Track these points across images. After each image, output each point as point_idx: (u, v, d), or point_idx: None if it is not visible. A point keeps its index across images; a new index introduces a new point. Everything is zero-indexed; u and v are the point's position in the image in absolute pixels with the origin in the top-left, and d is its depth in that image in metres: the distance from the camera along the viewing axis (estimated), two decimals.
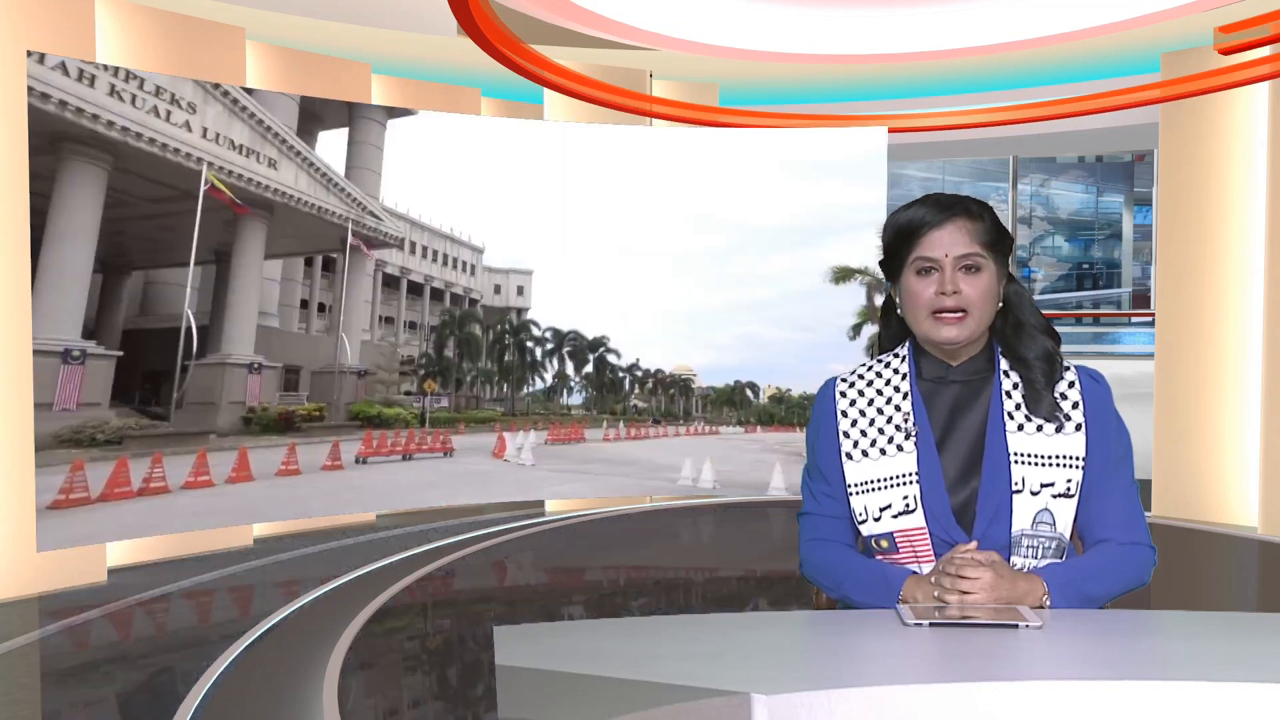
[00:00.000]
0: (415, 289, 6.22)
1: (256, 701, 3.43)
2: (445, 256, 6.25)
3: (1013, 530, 1.55)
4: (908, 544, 1.58)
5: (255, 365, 5.40)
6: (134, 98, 4.77)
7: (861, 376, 1.70)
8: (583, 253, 6.45)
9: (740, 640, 1.34)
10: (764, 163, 6.56)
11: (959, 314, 1.57)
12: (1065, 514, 1.56)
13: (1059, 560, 1.57)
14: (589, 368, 6.76)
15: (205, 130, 5.05)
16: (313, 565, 5.39)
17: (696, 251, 6.60)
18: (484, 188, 6.21)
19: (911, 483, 1.59)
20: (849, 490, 1.63)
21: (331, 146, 5.65)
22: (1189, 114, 6.18)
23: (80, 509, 4.73)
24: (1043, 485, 1.56)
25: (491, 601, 5.09)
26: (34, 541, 4.67)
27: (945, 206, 1.59)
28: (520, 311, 6.59)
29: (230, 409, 5.33)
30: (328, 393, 5.77)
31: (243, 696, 3.46)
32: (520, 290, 6.54)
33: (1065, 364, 1.64)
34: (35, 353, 4.64)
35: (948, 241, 1.57)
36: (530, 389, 6.73)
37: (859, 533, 1.65)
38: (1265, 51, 5.37)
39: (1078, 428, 1.58)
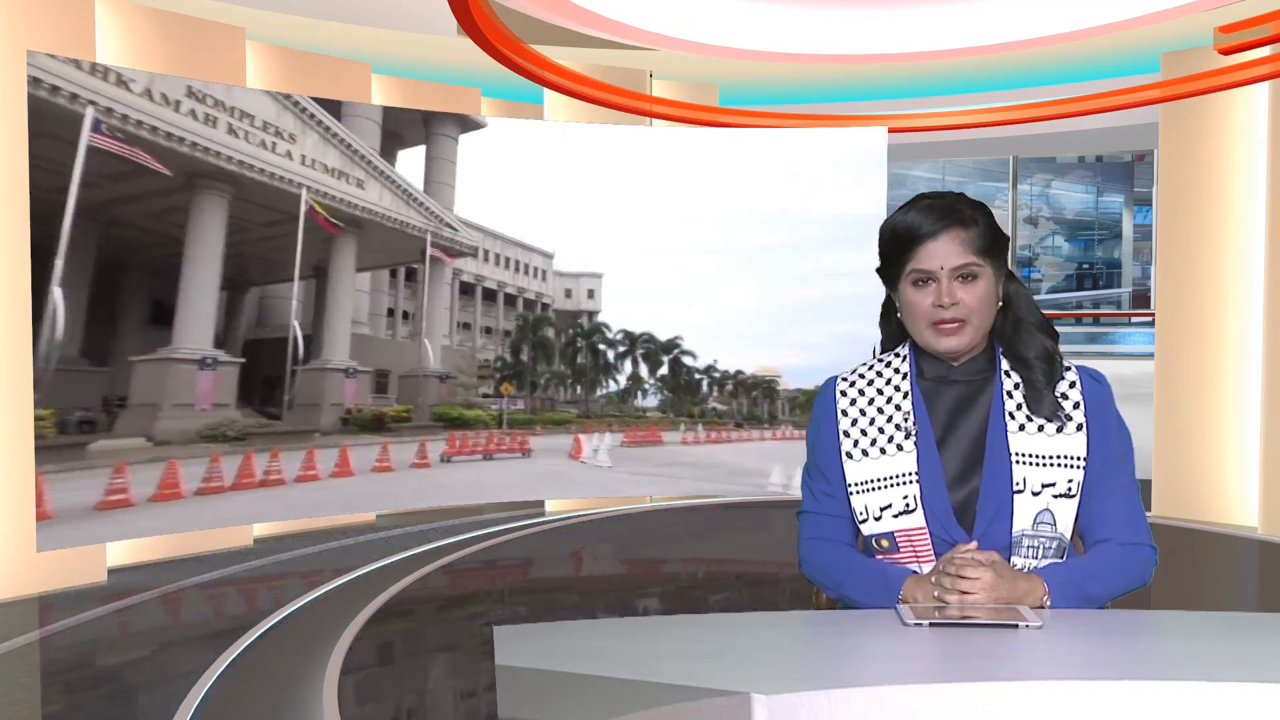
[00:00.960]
0: (490, 295, 6.48)
1: (256, 701, 3.43)
2: (517, 263, 6.49)
3: (1013, 530, 1.55)
4: (908, 543, 1.58)
5: (351, 370, 5.89)
6: (246, 134, 5.31)
7: (862, 376, 1.70)
8: (651, 254, 6.51)
9: (740, 640, 1.34)
10: (843, 156, 6.54)
11: (957, 324, 1.57)
12: (1066, 514, 1.56)
13: (1059, 560, 1.57)
14: (664, 369, 6.75)
15: (304, 158, 5.56)
16: (313, 565, 5.39)
17: (777, 248, 6.57)
18: (552, 193, 6.37)
19: (912, 482, 1.59)
20: (849, 489, 1.63)
21: (410, 163, 6.04)
22: (1189, 114, 6.18)
23: (215, 496, 5.32)
24: (1043, 485, 1.56)
25: (491, 601, 5.09)
26: (34, 541, 4.67)
27: (939, 216, 1.57)
28: (591, 315, 6.70)
29: (331, 410, 5.83)
30: (413, 395, 6.16)
31: (243, 696, 3.46)
32: (591, 294, 6.66)
33: (1066, 364, 1.64)
34: (178, 360, 5.23)
35: (943, 253, 1.56)
36: (604, 391, 6.77)
37: (859, 532, 1.65)
38: (1265, 51, 5.37)
39: (1079, 428, 1.58)
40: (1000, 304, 1.62)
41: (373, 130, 5.85)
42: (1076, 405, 1.60)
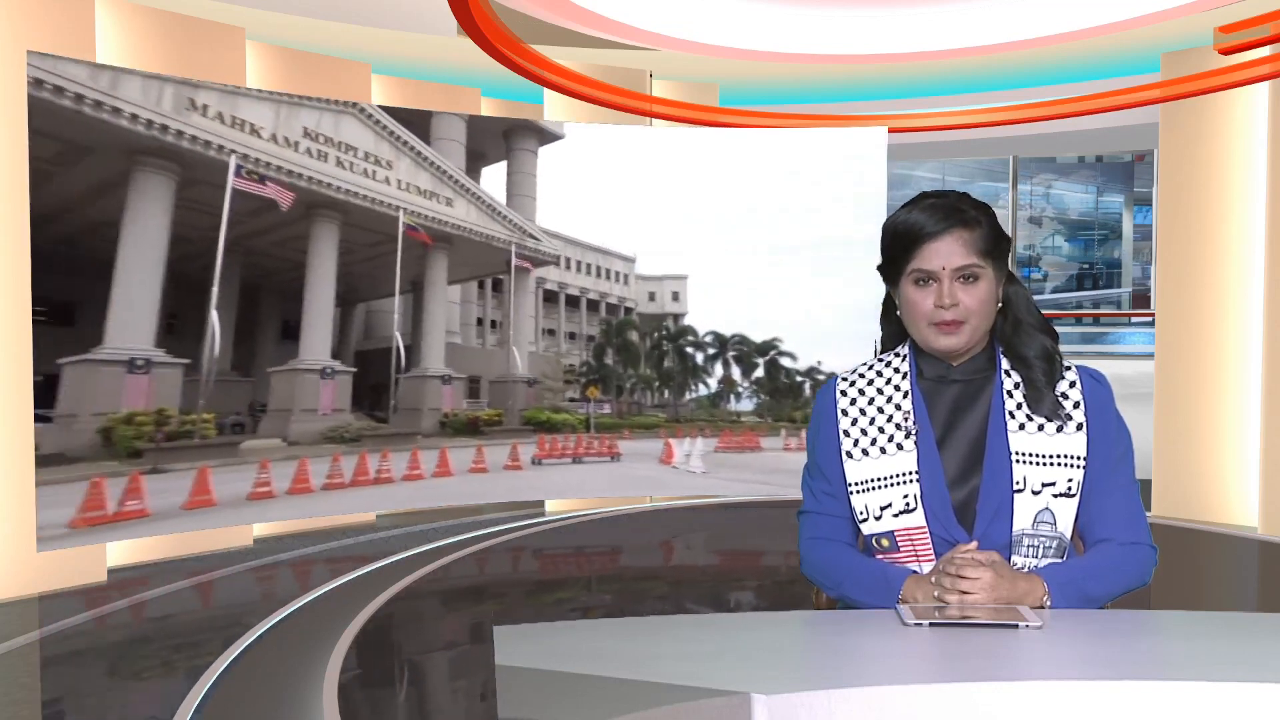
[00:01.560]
0: (573, 301, 6.72)
1: (256, 701, 3.43)
2: (598, 269, 6.71)
3: (1013, 529, 1.55)
4: (908, 543, 1.58)
5: (446, 377, 6.32)
6: (351, 164, 5.83)
7: (862, 375, 1.70)
8: (738, 254, 6.53)
9: (740, 640, 1.34)
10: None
11: (957, 325, 1.57)
12: (1066, 513, 1.56)
13: (1059, 560, 1.57)
14: (759, 372, 6.67)
15: (399, 182, 6.04)
16: (313, 565, 5.39)
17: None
18: (632, 198, 6.51)
19: (912, 481, 1.59)
20: (849, 489, 1.63)
21: (494, 179, 6.41)
22: (1189, 114, 6.17)
23: (338, 491, 5.89)
24: (1044, 484, 1.56)
25: (491, 601, 5.09)
26: (34, 541, 4.67)
27: (942, 216, 1.57)
28: (677, 317, 6.74)
29: (430, 414, 6.28)
30: (503, 400, 6.52)
31: (243, 696, 3.46)
32: (675, 296, 6.73)
33: (1066, 363, 1.64)
34: (304, 371, 5.84)
35: (945, 253, 1.56)
36: (693, 395, 6.78)
37: (860, 532, 1.65)
38: (1265, 51, 5.37)
39: (1079, 427, 1.58)
40: (1000, 305, 1.62)
41: (458, 150, 6.24)
42: (1076, 405, 1.60)
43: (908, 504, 1.58)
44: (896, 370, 1.67)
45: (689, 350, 6.73)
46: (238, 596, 4.96)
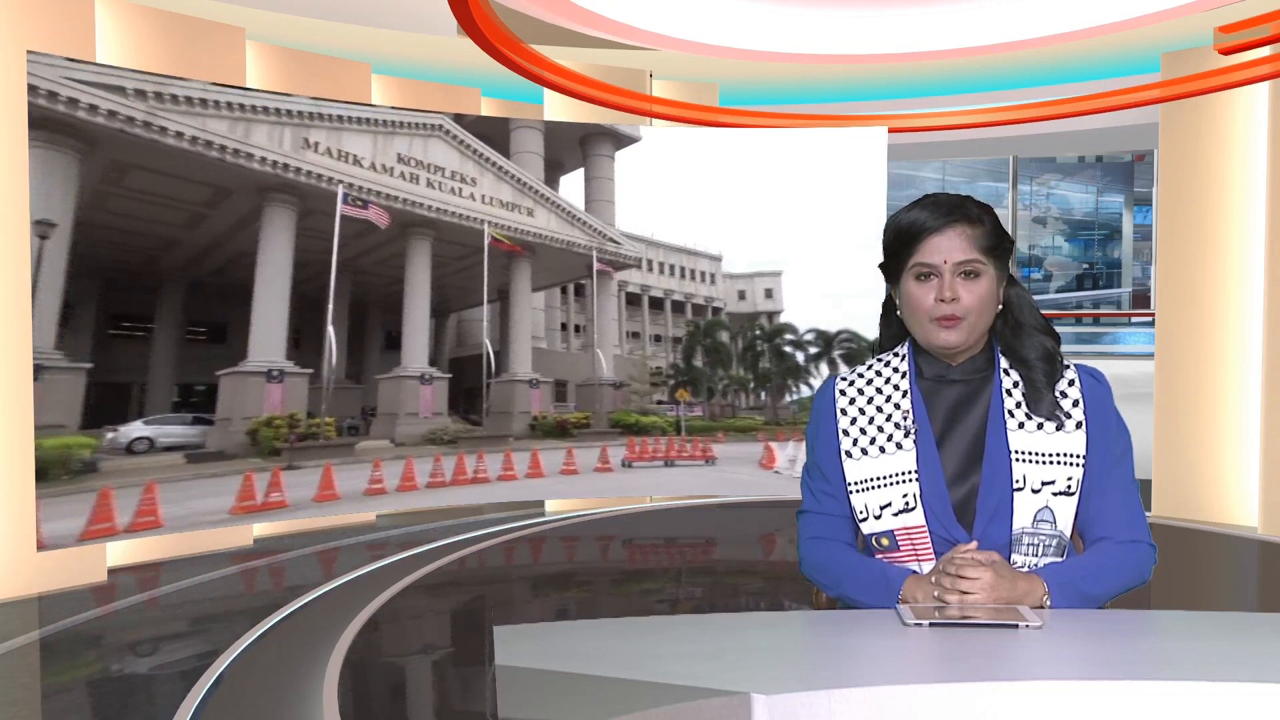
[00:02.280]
0: (657, 303, 6.82)
1: (256, 701, 3.43)
2: (682, 269, 6.79)
3: (1013, 528, 1.56)
4: (908, 542, 1.58)
5: (534, 381, 6.59)
6: (440, 184, 6.22)
7: (861, 375, 1.70)
8: (836, 247, 6.48)
9: (740, 640, 1.34)
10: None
11: (957, 320, 1.57)
12: (1065, 512, 1.56)
13: (1059, 559, 1.57)
14: None
15: (483, 197, 6.38)
16: (313, 565, 5.39)
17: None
18: (715, 196, 6.54)
19: (911, 480, 1.59)
20: (849, 488, 1.63)
21: (572, 186, 6.65)
22: (1189, 114, 6.17)
23: (440, 489, 6.28)
24: (1043, 483, 1.56)
25: (491, 601, 5.09)
26: (34, 541, 4.67)
27: (945, 211, 1.57)
28: (772, 315, 6.69)
29: (520, 417, 6.58)
30: (590, 403, 6.70)
31: (243, 696, 3.46)
32: (769, 293, 6.69)
33: (1065, 363, 1.64)
34: (406, 377, 6.30)
35: (947, 248, 1.56)
36: (795, 396, 6.71)
37: (859, 531, 1.65)
38: (1265, 51, 5.37)
39: (1078, 426, 1.58)
40: (1001, 307, 1.62)
41: (536, 162, 6.52)
42: (1076, 403, 1.60)
43: (907, 503, 1.58)
44: (896, 370, 1.68)
45: (787, 350, 6.65)
46: (238, 596, 4.96)
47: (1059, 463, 1.56)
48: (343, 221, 5.86)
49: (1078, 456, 1.57)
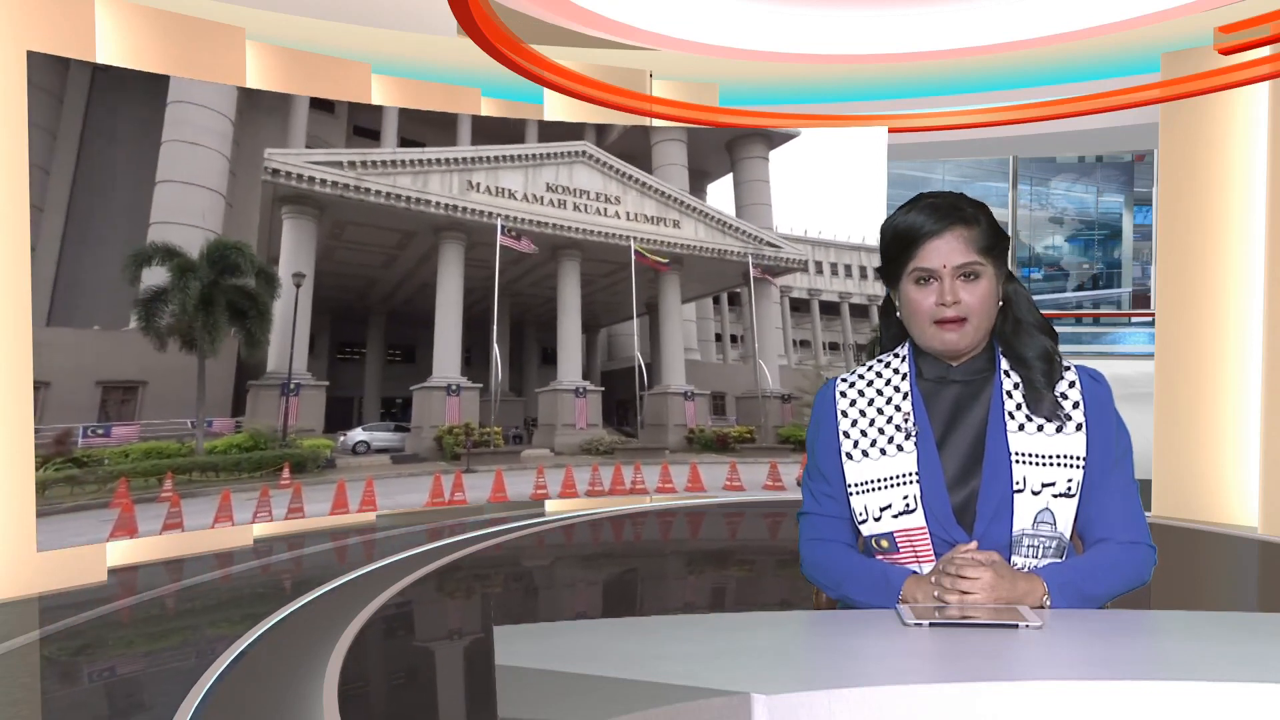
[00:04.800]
0: (830, 309, 6.80)
1: (256, 701, 3.43)
2: (860, 269, 6.76)
3: (1013, 530, 1.55)
4: (908, 544, 1.58)
5: (688, 393, 6.77)
6: (585, 206, 6.61)
7: (861, 377, 1.70)
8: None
9: (740, 640, 1.34)
10: None
11: (959, 322, 1.57)
12: (1066, 514, 1.56)
13: (1059, 560, 1.57)
14: None
15: (628, 214, 6.68)
16: (312, 565, 5.39)
17: None
18: (884, 194, 6.45)
19: (911, 482, 1.58)
20: (849, 490, 1.63)
21: (721, 193, 6.77)
22: (1189, 114, 6.17)
23: (599, 497, 6.66)
24: (1043, 485, 1.56)
25: (491, 601, 5.09)
26: (34, 541, 4.67)
27: (942, 214, 1.57)
28: None
29: (675, 430, 6.79)
30: (754, 417, 6.75)
31: (243, 696, 3.46)
32: None
33: (1065, 364, 1.64)
34: (561, 390, 6.76)
35: (945, 251, 1.56)
36: None
37: (859, 533, 1.65)
38: (1265, 51, 5.37)
39: (1078, 427, 1.58)
40: (1000, 304, 1.62)
41: (680, 174, 6.74)
42: (1076, 405, 1.59)
43: (907, 505, 1.58)
44: (896, 371, 1.67)
45: None
46: (238, 596, 4.96)
47: (1059, 464, 1.56)
48: (501, 250, 6.48)
49: (1078, 458, 1.57)
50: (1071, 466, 1.56)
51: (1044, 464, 1.56)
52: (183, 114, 5.35)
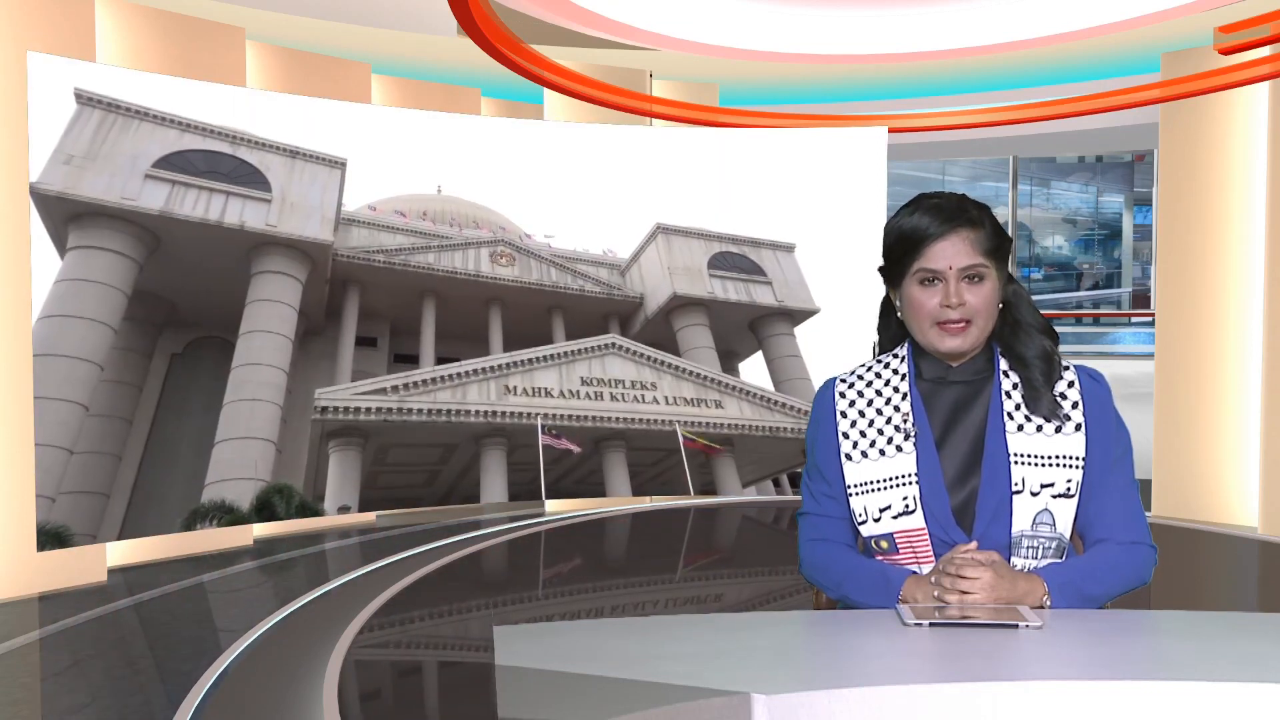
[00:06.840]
0: None
1: (256, 701, 3.43)
2: None
3: (1012, 531, 1.55)
4: (907, 545, 1.58)
5: None
6: (622, 396, 6.54)
7: (861, 377, 1.70)
8: None
9: (740, 640, 1.34)
10: None
11: (963, 324, 1.57)
12: (1065, 514, 1.56)
13: (1059, 560, 1.57)
14: None
15: (666, 398, 6.62)
16: (313, 565, 5.39)
17: None
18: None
19: (911, 483, 1.58)
20: (848, 491, 1.63)
21: (755, 371, 6.74)
22: (1189, 114, 6.17)
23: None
24: (1043, 485, 1.56)
25: (491, 601, 5.09)
26: (34, 541, 4.67)
27: (947, 216, 1.57)
28: None
29: None
30: None
31: (243, 696, 3.46)
32: None
33: (1065, 364, 1.64)
34: None
35: (951, 253, 1.56)
36: None
37: (859, 533, 1.65)
38: (1265, 51, 5.37)
39: (1077, 428, 1.58)
40: (1000, 305, 1.62)
41: (710, 355, 6.72)
42: (1075, 405, 1.59)
43: (907, 506, 1.58)
44: (895, 371, 1.67)
45: None
46: (238, 596, 4.96)
47: (1058, 465, 1.56)
48: (545, 450, 6.38)
49: (1077, 459, 1.57)
50: (1071, 467, 1.56)
51: (1043, 465, 1.56)
52: (244, 375, 5.51)
